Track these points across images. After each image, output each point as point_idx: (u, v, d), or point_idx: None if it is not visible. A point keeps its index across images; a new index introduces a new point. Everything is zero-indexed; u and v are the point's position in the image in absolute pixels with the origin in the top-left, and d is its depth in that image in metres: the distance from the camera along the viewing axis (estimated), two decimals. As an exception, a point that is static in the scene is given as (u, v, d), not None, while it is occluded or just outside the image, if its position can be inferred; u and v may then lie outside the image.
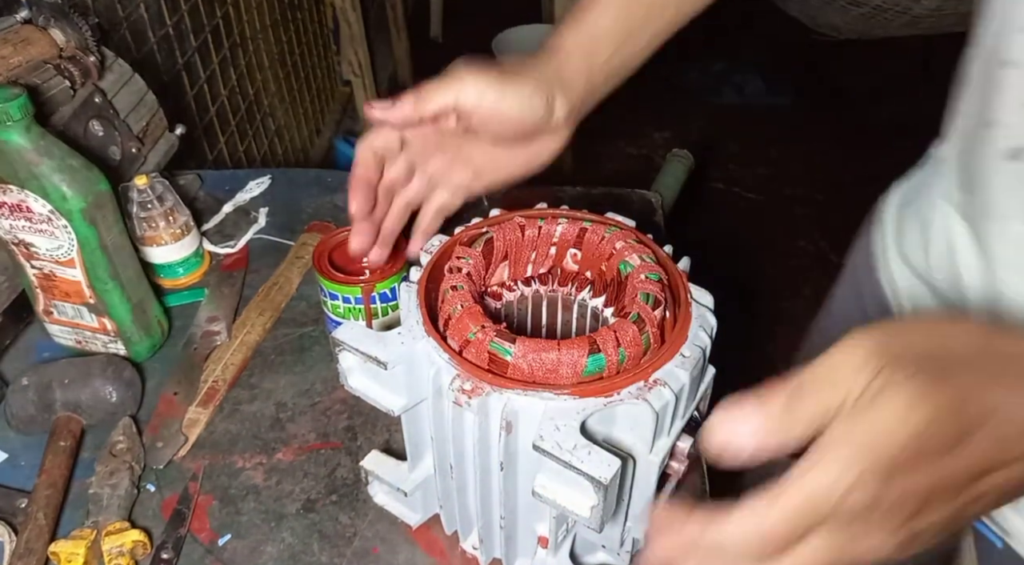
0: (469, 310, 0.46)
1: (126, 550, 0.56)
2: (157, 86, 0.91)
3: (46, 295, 0.70)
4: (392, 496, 0.54)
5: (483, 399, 0.42)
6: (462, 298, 0.46)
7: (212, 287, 0.81)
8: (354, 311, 0.70)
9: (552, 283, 0.54)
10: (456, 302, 0.46)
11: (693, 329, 0.46)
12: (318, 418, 0.68)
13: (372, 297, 0.69)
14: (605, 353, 0.43)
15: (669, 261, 0.50)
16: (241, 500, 0.62)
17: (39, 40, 0.75)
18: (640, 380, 0.43)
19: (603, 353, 0.43)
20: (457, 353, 0.45)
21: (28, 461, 0.64)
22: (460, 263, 0.50)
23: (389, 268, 0.70)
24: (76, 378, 0.66)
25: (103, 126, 0.80)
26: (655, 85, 2.69)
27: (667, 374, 0.43)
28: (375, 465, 0.55)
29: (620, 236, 0.51)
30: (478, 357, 0.44)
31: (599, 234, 0.52)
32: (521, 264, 0.54)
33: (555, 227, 0.53)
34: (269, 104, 1.85)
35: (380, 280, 0.69)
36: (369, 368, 0.46)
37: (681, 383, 0.44)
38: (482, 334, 0.44)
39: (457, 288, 0.47)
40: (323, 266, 0.70)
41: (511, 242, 0.53)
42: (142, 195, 0.78)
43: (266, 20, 1.84)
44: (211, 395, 0.70)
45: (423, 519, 0.56)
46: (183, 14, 1.42)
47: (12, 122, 0.59)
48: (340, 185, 0.98)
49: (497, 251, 0.52)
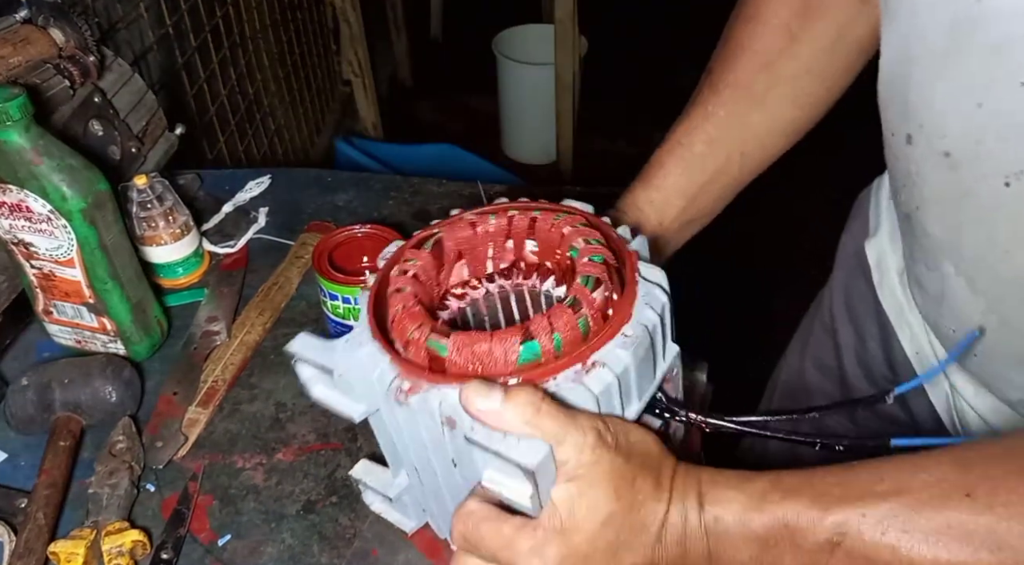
0: (409, 311, 0.46)
1: (126, 550, 0.56)
2: (157, 86, 0.91)
3: (46, 295, 0.70)
4: (387, 503, 0.54)
5: (422, 396, 0.42)
6: (404, 300, 0.47)
7: (212, 287, 0.81)
8: (354, 311, 0.70)
9: (516, 277, 0.54)
10: (399, 304, 0.46)
11: (638, 307, 0.44)
12: (318, 418, 0.68)
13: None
14: (539, 340, 0.42)
15: (621, 242, 0.49)
16: (241, 500, 0.62)
17: (39, 40, 0.75)
18: (577, 364, 0.42)
19: (536, 340, 0.42)
20: (398, 354, 0.45)
21: (28, 461, 0.64)
22: (406, 266, 0.49)
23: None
24: (76, 378, 0.66)
25: (103, 126, 0.80)
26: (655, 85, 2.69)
27: (607, 355, 0.43)
28: (363, 473, 0.55)
29: (568, 221, 0.50)
30: (418, 356, 0.44)
31: (548, 221, 0.51)
32: (479, 261, 0.54)
33: (505, 220, 0.53)
34: (269, 104, 1.85)
35: None
36: (328, 377, 0.46)
37: (624, 364, 0.43)
38: (419, 333, 0.44)
39: (401, 290, 0.47)
40: (323, 266, 0.70)
41: (463, 240, 0.52)
42: (142, 195, 0.77)
43: (266, 20, 1.84)
44: (211, 395, 0.70)
45: (418, 525, 0.56)
46: (183, 14, 1.42)
47: (12, 122, 0.59)
48: (340, 185, 0.98)
49: (449, 251, 0.52)
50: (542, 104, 2.43)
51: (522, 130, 2.60)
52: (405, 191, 0.97)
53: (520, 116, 2.58)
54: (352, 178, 1.00)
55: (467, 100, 2.84)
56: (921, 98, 0.49)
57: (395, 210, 0.94)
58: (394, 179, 1.00)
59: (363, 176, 1.01)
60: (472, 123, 2.77)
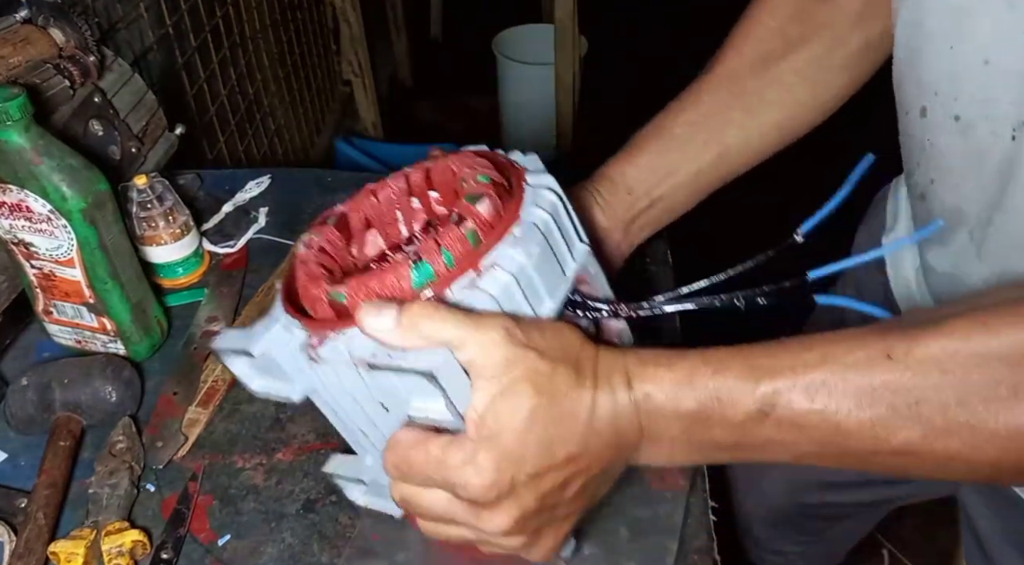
0: (310, 275, 0.46)
1: (125, 550, 0.56)
2: (157, 86, 0.91)
3: (46, 295, 0.70)
4: (369, 492, 0.54)
5: (330, 345, 0.43)
6: (306, 268, 0.47)
7: (212, 287, 0.81)
8: None
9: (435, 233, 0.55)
10: (302, 273, 0.47)
11: (526, 208, 0.45)
12: (318, 418, 0.68)
13: None
14: (429, 260, 0.43)
15: (510, 163, 0.49)
16: (241, 500, 0.62)
17: (39, 40, 0.75)
18: (469, 270, 0.43)
19: (426, 260, 0.43)
20: (309, 318, 0.46)
21: (28, 461, 0.64)
22: (311, 242, 0.50)
23: None
24: (76, 378, 0.66)
25: (103, 126, 0.80)
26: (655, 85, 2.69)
27: (499, 257, 0.43)
28: (335, 467, 0.55)
29: (459, 161, 0.50)
30: (325, 312, 0.45)
31: (442, 168, 0.51)
32: (392, 226, 0.54)
33: (403, 180, 0.53)
34: (269, 104, 1.85)
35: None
36: (261, 366, 0.47)
37: (517, 262, 0.43)
38: (318, 289, 0.45)
39: (304, 262, 0.48)
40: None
41: (367, 208, 0.53)
42: (142, 195, 0.78)
43: (266, 20, 1.84)
44: (211, 395, 0.70)
45: None
46: (183, 14, 1.42)
47: (12, 122, 0.59)
48: (340, 185, 0.98)
49: (356, 223, 0.52)
50: (542, 104, 2.43)
51: (522, 130, 2.59)
52: (405, 191, 0.97)
53: (520, 116, 2.58)
54: (352, 178, 1.00)
55: (467, 100, 2.83)
56: (934, 68, 0.51)
57: (395, 210, 0.94)
58: (394, 179, 1.00)
59: (363, 176, 1.01)
60: (472, 123, 2.76)
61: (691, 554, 0.57)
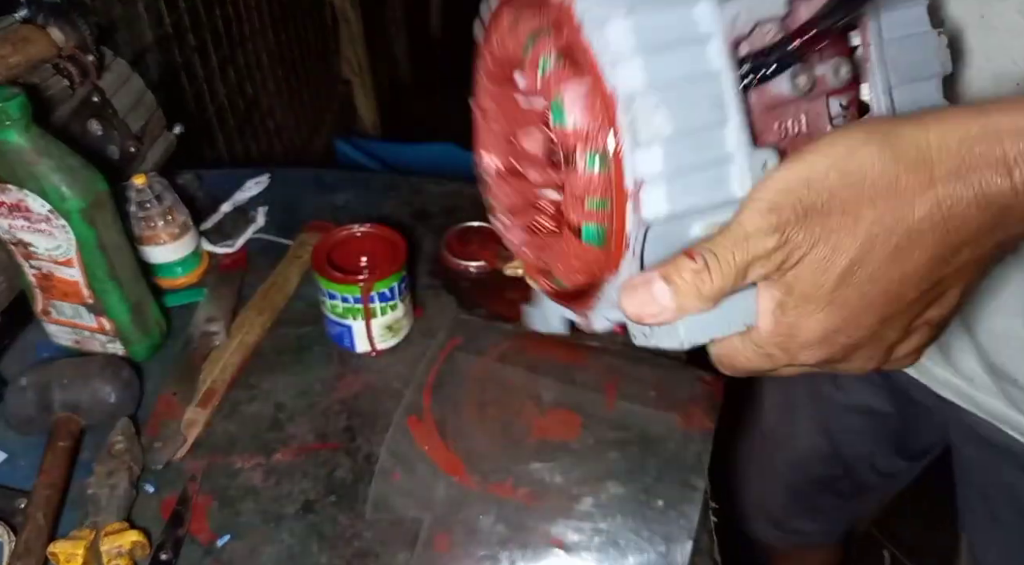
0: (529, 267, 0.48)
1: (125, 551, 0.56)
2: (156, 85, 0.91)
3: (45, 295, 0.70)
4: None
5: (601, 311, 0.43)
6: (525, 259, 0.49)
7: (211, 287, 0.81)
8: (353, 310, 0.70)
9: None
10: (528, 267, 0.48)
11: (609, 73, 0.35)
12: (317, 419, 0.68)
13: (371, 296, 0.69)
14: (588, 222, 0.39)
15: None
16: (240, 501, 0.62)
17: (38, 39, 0.74)
18: (628, 203, 0.36)
19: (585, 225, 0.39)
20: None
21: (27, 461, 0.64)
22: (493, 210, 0.51)
23: (387, 267, 0.70)
24: (75, 378, 0.66)
25: (102, 125, 0.80)
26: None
27: (637, 167, 0.35)
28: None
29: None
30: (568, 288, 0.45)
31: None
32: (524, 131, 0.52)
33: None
34: (268, 104, 1.85)
35: (379, 279, 0.69)
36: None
37: (655, 165, 0.35)
38: (544, 281, 0.47)
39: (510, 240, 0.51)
40: (322, 265, 0.70)
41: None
42: (141, 194, 0.77)
43: (266, 20, 1.84)
44: (210, 396, 0.70)
45: None
46: (182, 13, 1.42)
47: (11, 121, 0.59)
48: (339, 185, 0.98)
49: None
50: (541, 103, 2.43)
51: (522, 130, 2.59)
52: (405, 191, 0.97)
53: (520, 115, 2.57)
54: (351, 178, 1.00)
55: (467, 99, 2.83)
56: None
57: (395, 210, 0.94)
58: (394, 179, 1.00)
59: (362, 176, 1.01)
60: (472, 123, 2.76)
61: (691, 554, 0.57)
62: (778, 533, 1.04)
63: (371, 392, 0.71)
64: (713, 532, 0.58)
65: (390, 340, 0.74)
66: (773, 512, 1.02)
